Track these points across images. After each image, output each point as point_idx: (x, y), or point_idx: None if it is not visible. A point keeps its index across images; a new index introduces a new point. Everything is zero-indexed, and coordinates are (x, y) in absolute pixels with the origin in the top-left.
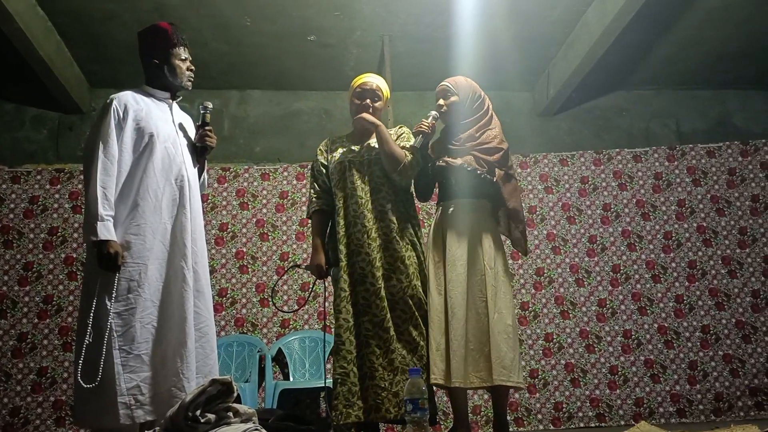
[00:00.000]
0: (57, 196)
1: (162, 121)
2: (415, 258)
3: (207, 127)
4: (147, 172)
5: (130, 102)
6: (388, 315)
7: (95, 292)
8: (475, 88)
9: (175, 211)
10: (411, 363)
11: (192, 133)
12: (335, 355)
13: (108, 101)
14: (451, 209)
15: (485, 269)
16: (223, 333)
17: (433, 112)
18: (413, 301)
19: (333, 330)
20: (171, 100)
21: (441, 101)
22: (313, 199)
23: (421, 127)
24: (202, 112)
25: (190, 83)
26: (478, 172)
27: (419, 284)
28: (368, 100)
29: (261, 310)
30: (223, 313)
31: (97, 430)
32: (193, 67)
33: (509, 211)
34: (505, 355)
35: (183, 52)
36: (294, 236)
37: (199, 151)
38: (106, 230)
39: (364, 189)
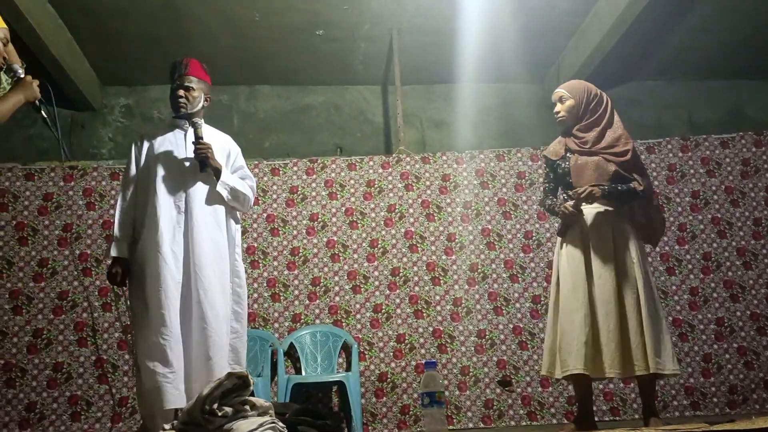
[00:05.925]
0: (71, 193)
1: (172, 147)
2: None
3: (200, 141)
4: (153, 193)
5: (149, 135)
6: None
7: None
8: (590, 87)
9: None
10: None
11: (222, 146)
12: None
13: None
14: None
15: (627, 264)
16: None
17: None
18: None
19: None
20: (187, 126)
21: (558, 107)
22: None
23: None
24: (193, 128)
25: (181, 109)
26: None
27: None
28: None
29: (272, 305)
30: None
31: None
32: (181, 94)
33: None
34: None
35: (177, 81)
36: (305, 231)
37: (201, 165)
38: (115, 249)
39: None
